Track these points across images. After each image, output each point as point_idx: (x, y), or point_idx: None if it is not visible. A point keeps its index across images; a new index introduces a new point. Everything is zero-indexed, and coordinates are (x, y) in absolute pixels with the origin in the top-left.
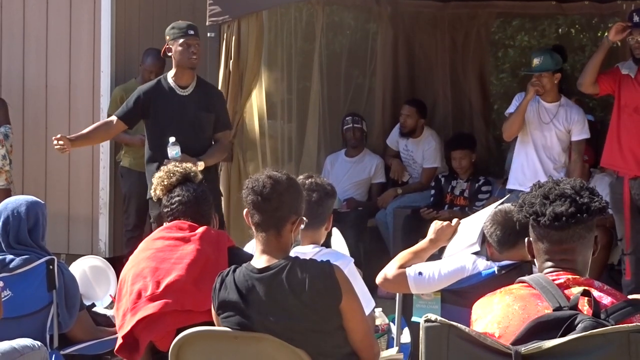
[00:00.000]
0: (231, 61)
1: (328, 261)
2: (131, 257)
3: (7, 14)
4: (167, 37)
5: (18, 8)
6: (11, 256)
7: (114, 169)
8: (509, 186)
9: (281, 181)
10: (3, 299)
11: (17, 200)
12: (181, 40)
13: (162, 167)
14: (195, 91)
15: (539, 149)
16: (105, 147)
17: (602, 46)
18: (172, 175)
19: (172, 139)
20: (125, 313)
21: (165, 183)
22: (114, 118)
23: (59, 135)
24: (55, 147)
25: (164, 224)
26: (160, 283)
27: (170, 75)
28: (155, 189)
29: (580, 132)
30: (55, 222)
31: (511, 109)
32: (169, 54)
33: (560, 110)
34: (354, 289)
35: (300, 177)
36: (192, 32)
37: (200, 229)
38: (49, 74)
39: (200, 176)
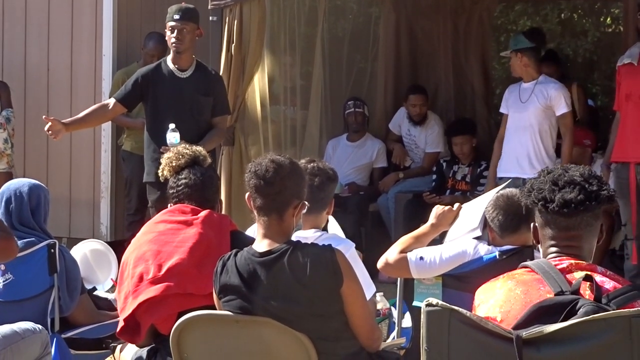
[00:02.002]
0: (233, 45)
1: (330, 245)
2: (133, 241)
3: (9, 0)
4: None
5: None
6: None
7: (116, 153)
8: (500, 174)
9: (284, 165)
10: (5, 282)
11: (20, 181)
12: (168, 24)
13: (172, 149)
14: (194, 74)
15: (521, 130)
16: (106, 130)
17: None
18: (180, 157)
19: (171, 126)
20: (127, 296)
21: (174, 164)
22: (111, 100)
23: (51, 118)
24: (47, 132)
25: (169, 205)
26: (162, 266)
27: (169, 58)
28: (163, 169)
29: (561, 107)
30: (57, 206)
31: (502, 108)
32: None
33: (537, 87)
34: (355, 274)
35: (302, 161)
36: (177, 16)
37: (203, 213)
38: (51, 57)
39: (209, 160)
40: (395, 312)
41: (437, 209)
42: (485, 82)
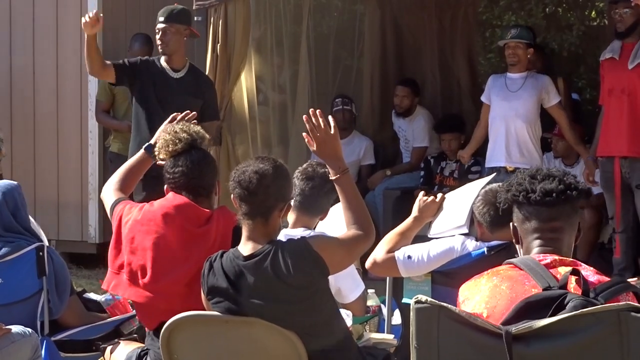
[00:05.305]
0: (218, 45)
1: (302, 237)
2: (143, 213)
3: None
4: None
5: None
6: (0, 243)
7: (103, 155)
8: (489, 164)
9: (267, 174)
10: None
11: None
12: (156, 27)
13: (168, 128)
14: (186, 76)
15: (510, 119)
16: (93, 132)
17: None
18: (178, 141)
19: None
20: (122, 267)
21: (170, 149)
22: (109, 62)
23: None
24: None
25: (164, 186)
26: (156, 280)
27: (162, 57)
28: (159, 151)
29: (554, 97)
30: (45, 208)
31: (483, 96)
32: None
33: (528, 79)
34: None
35: (313, 162)
36: (162, 18)
37: (214, 232)
38: (36, 60)
39: (207, 138)
40: (385, 310)
41: (419, 201)
42: (471, 78)
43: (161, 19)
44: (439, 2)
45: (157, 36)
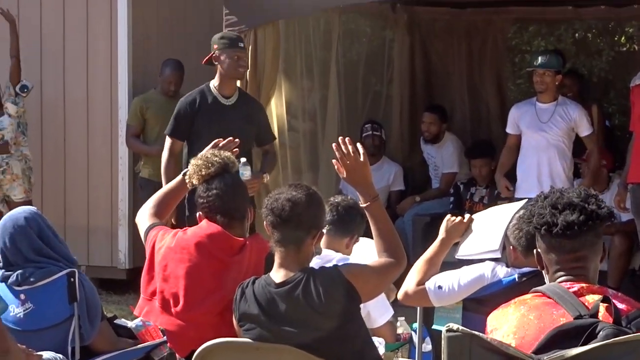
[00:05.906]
0: (248, 71)
1: (335, 266)
2: (177, 240)
3: (24, 29)
4: (215, 46)
5: (35, 22)
6: (31, 269)
7: (133, 180)
8: (519, 195)
9: (300, 202)
10: (25, 312)
11: (12, 216)
12: (231, 52)
13: (198, 154)
14: (238, 101)
15: (542, 150)
16: (123, 158)
17: None
18: (210, 165)
19: (243, 160)
20: (154, 294)
21: (203, 173)
22: (169, 141)
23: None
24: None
25: (197, 214)
26: (188, 309)
27: (213, 84)
28: (191, 177)
29: (585, 128)
30: (75, 234)
31: (508, 128)
32: (215, 62)
33: (558, 108)
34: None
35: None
36: (242, 44)
37: (247, 257)
38: (67, 87)
39: (237, 164)
40: (415, 337)
41: (447, 222)
42: (500, 103)
43: (241, 44)
44: (468, 27)
45: (238, 61)
